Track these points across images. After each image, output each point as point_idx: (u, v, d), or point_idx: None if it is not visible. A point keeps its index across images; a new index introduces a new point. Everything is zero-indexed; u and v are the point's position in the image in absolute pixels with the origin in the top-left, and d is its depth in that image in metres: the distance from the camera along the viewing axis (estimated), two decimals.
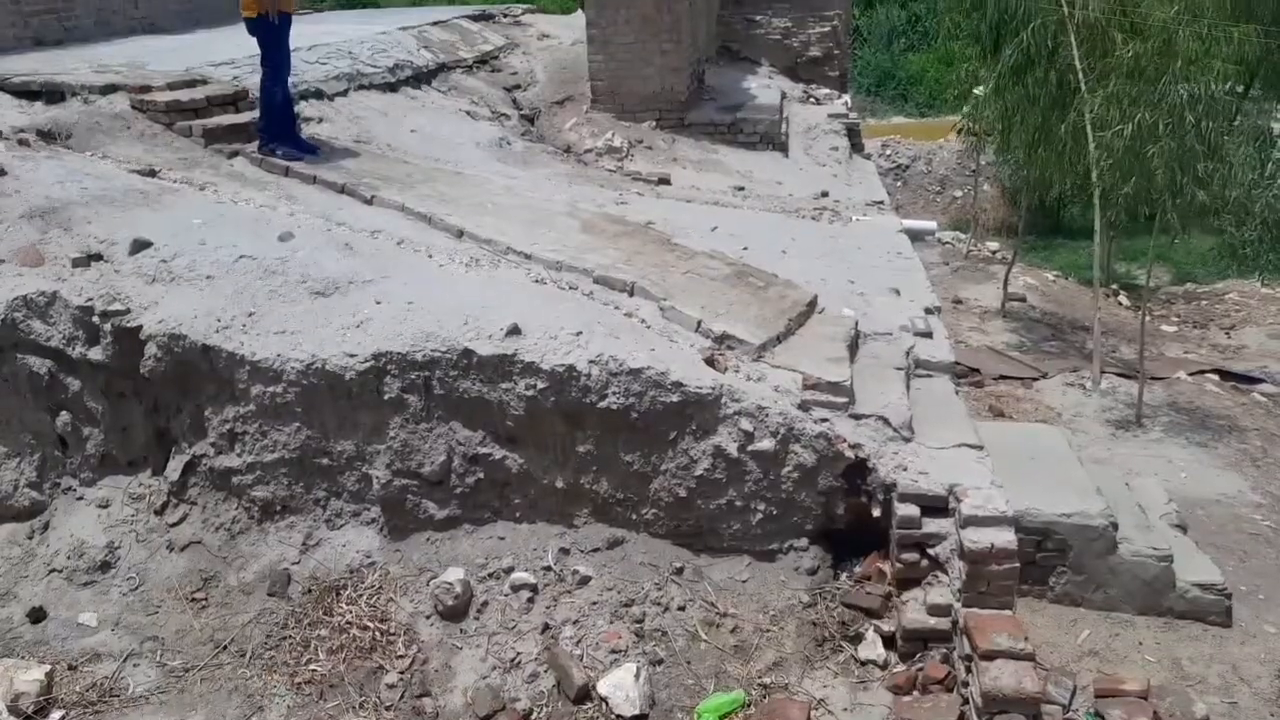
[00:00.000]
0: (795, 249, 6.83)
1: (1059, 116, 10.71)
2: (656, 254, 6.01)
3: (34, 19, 10.74)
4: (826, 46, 14.38)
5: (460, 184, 7.16)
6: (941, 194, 23.91)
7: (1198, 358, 12.96)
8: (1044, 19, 10.51)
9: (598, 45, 10.18)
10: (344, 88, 8.80)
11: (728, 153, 10.09)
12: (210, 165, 6.87)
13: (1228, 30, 10.08)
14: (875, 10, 36.81)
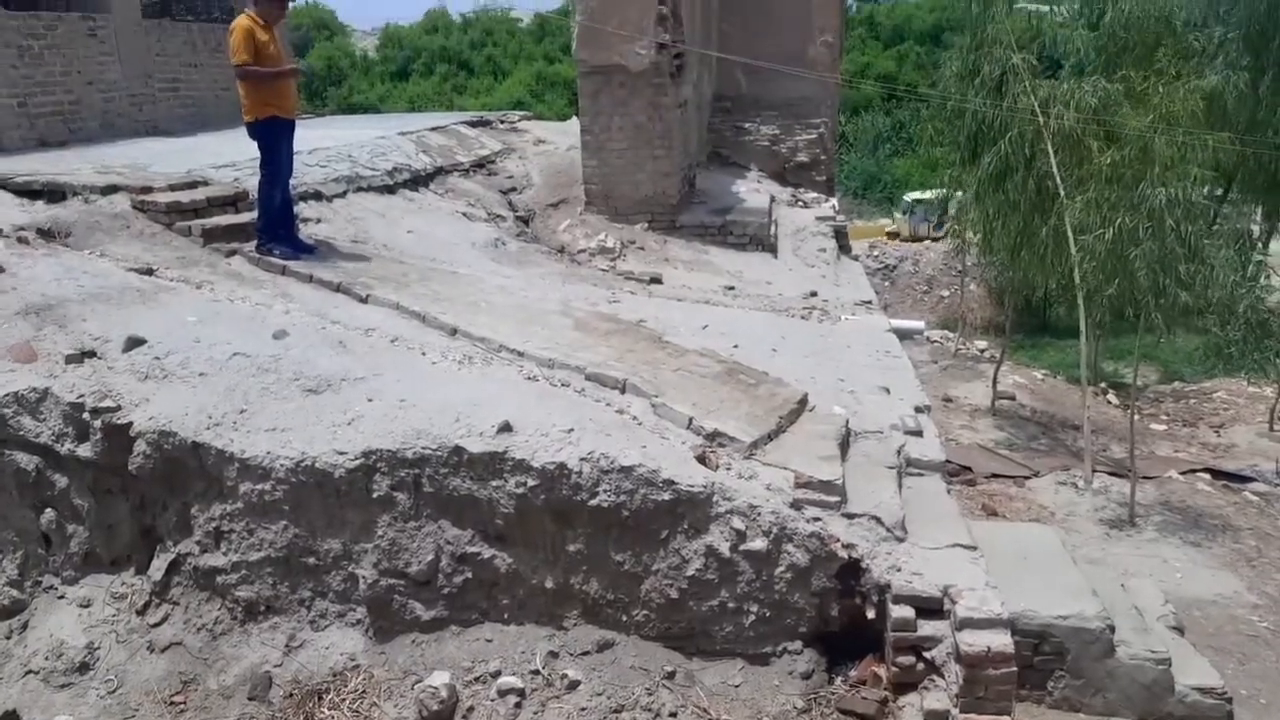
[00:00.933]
0: (785, 347, 6.90)
1: (1040, 220, 10.97)
2: (648, 351, 6.06)
3: (40, 120, 11.02)
4: (813, 152, 14.79)
5: (455, 283, 7.25)
6: (929, 293, 24.27)
7: (1188, 456, 12.99)
8: (1020, 129, 10.84)
9: (592, 151, 10.45)
10: (343, 189, 8.99)
11: (718, 253, 10.27)
12: (208, 264, 6.96)
13: (1202, 137, 10.42)
14: (860, 117, 38.03)
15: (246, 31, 6.75)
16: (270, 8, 6.94)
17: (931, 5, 45.04)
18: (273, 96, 6.95)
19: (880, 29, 44.60)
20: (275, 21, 7.03)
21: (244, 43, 6.73)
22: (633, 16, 9.88)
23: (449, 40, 42.75)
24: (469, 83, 39.68)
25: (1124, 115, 10.34)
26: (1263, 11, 18.59)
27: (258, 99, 6.90)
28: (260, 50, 6.80)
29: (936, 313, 22.66)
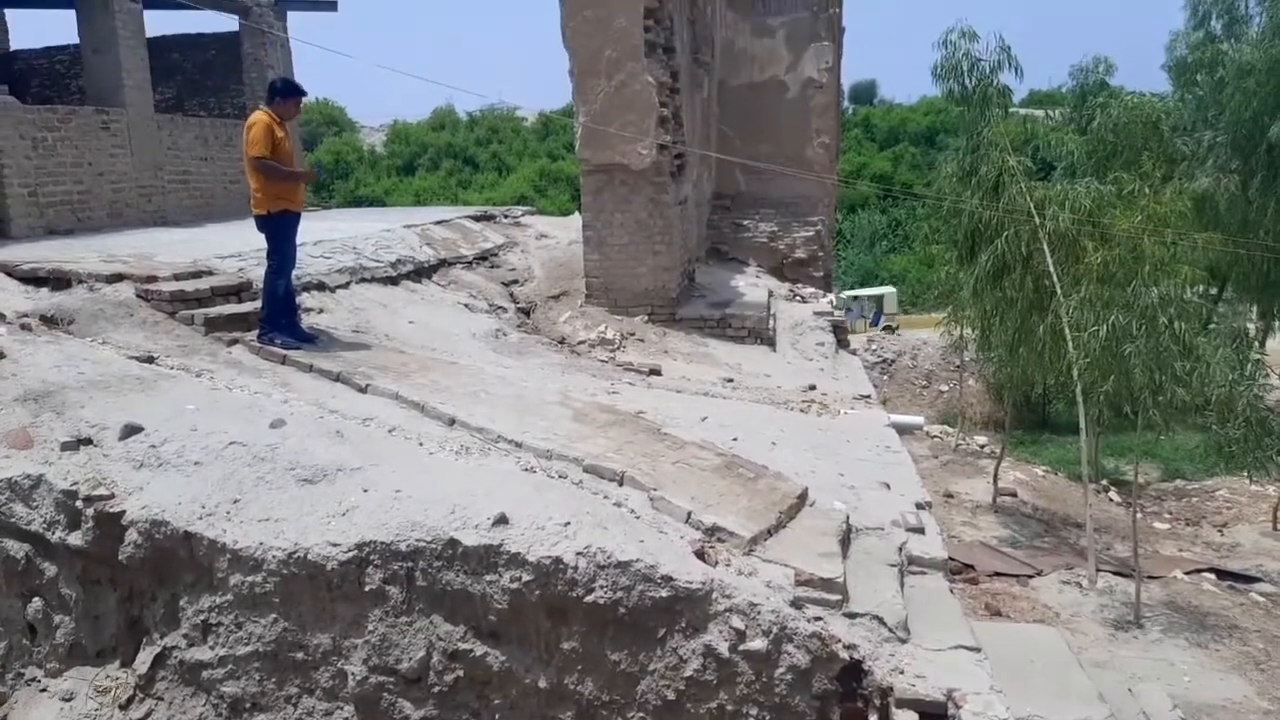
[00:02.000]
0: (785, 441, 6.87)
1: (1037, 317, 11.07)
2: (647, 443, 6.03)
3: (49, 210, 11.21)
4: (811, 249, 15.02)
5: (454, 373, 7.26)
6: (928, 388, 24.29)
7: (1192, 556, 12.83)
8: (1016, 228, 11.03)
9: (593, 245, 10.61)
10: (346, 280, 9.08)
11: (717, 346, 10.32)
12: (209, 352, 6.99)
13: (1192, 238, 10.59)
14: (857, 215, 38.72)
15: (266, 127, 6.94)
16: (286, 105, 7.15)
17: (926, 109, 46.32)
18: (285, 191, 7.12)
19: (876, 131, 45.75)
20: (290, 118, 7.23)
21: (264, 137, 6.91)
22: (635, 118, 10.15)
23: (455, 137, 43.80)
24: (474, 178, 40.51)
25: (1114, 216, 10.53)
26: (1248, 118, 19.13)
27: (271, 192, 7.05)
28: (277, 146, 6.99)
29: (935, 407, 22.66)
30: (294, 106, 7.24)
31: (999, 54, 11.75)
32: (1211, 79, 20.05)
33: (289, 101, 7.17)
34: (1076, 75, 18.95)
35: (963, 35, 11.83)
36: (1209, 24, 20.69)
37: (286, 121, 7.18)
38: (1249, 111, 19.07)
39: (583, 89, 10.28)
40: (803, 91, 15.81)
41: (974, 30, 11.81)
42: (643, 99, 10.16)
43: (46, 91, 16.76)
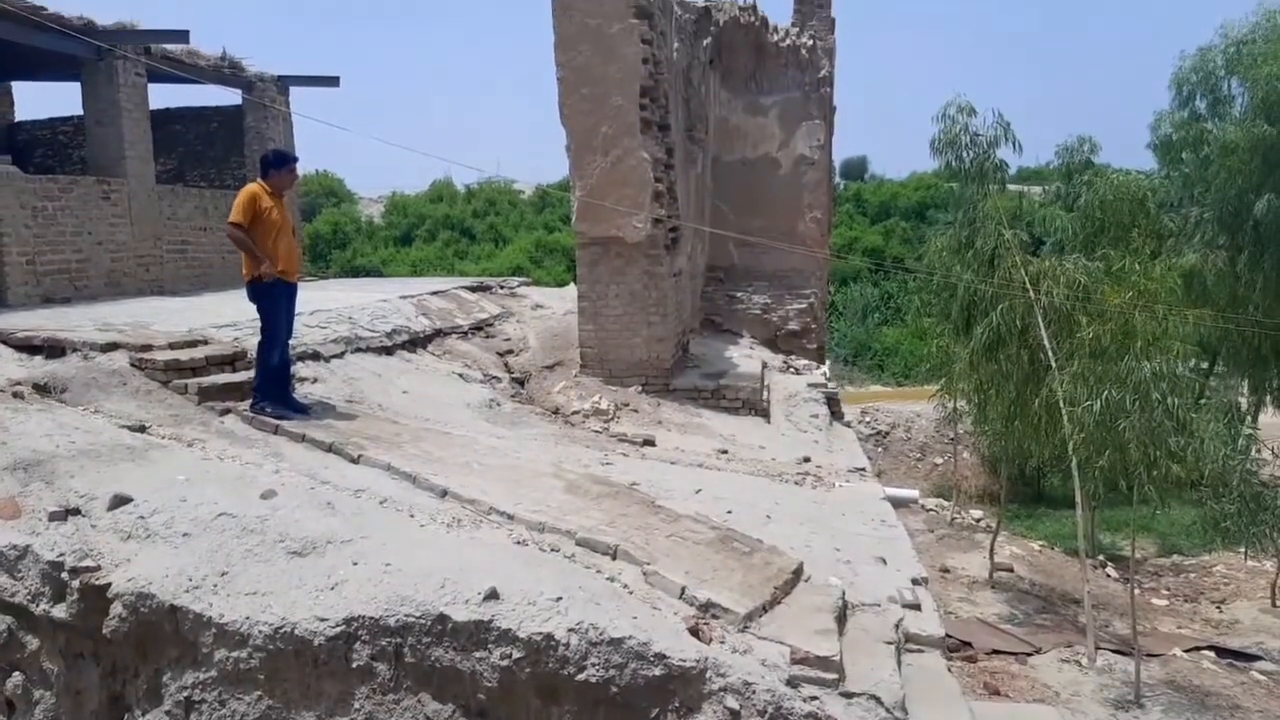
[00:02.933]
0: (779, 514, 6.82)
1: (1033, 391, 11.10)
2: (640, 516, 5.98)
3: (47, 278, 11.26)
4: (804, 321, 15.11)
5: (447, 444, 7.23)
6: (922, 460, 24.23)
7: (1191, 633, 12.68)
8: (1012, 302, 11.12)
9: (588, 316, 10.66)
10: (341, 350, 9.10)
11: (711, 417, 10.31)
12: (201, 422, 6.96)
13: (1182, 313, 10.69)
14: (850, 287, 39.06)
15: (250, 196, 7.02)
16: (279, 176, 7.22)
17: (915, 184, 47.12)
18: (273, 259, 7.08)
19: (867, 205, 46.42)
20: (285, 188, 7.28)
21: (243, 205, 6.98)
22: (630, 193, 10.29)
23: (453, 209, 44.30)
24: (470, 249, 40.87)
25: (1104, 292, 10.64)
26: (1233, 195, 19.47)
27: (257, 261, 7.05)
28: (261, 216, 7.01)
29: (930, 480, 22.57)
30: (287, 175, 7.29)
31: (997, 129, 11.98)
32: (1197, 157, 20.44)
33: (281, 172, 7.22)
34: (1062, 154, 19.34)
35: (961, 110, 12.06)
36: (1193, 103, 21.17)
37: (283, 191, 7.23)
38: (1234, 189, 19.42)
39: (579, 164, 10.44)
40: (795, 168, 16.10)
41: (972, 105, 12.05)
42: (638, 174, 10.32)
43: (49, 161, 16.98)
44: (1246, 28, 20.02)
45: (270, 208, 7.06)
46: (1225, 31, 20.41)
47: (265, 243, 7.06)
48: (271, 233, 7.08)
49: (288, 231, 7.25)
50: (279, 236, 7.14)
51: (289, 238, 7.27)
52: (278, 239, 7.12)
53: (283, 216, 7.20)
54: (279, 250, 7.13)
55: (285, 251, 7.18)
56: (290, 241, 7.28)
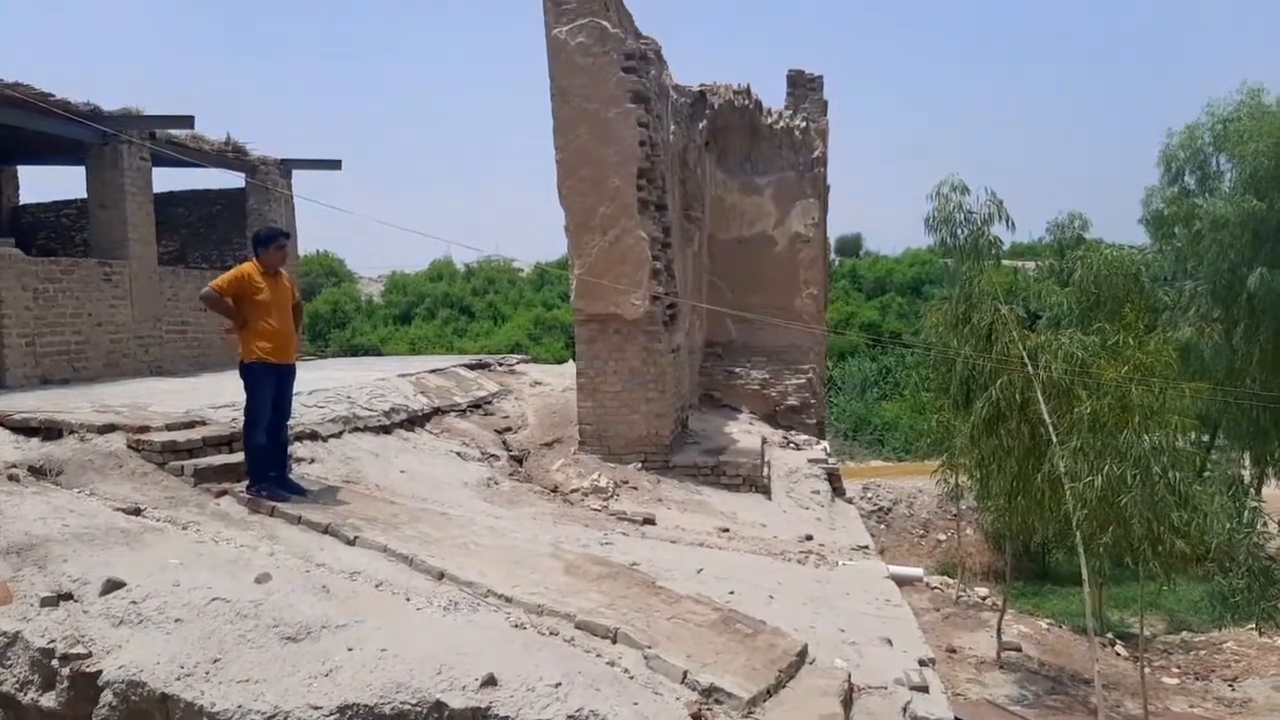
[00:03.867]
0: (782, 594, 6.72)
1: (1034, 465, 11.03)
2: (641, 598, 5.89)
3: (45, 359, 11.27)
4: (803, 396, 15.11)
5: (445, 524, 7.15)
6: (925, 537, 23.99)
7: (1204, 713, 12.40)
8: (1010, 376, 11.12)
9: (587, 392, 10.66)
10: (339, 430, 9.06)
11: (712, 494, 10.23)
12: (197, 504, 6.89)
13: (1179, 387, 10.68)
14: (848, 362, 39.18)
15: (239, 273, 7.05)
16: (269, 253, 7.14)
17: (910, 260, 47.67)
18: (261, 340, 6.99)
19: (863, 281, 46.88)
20: (276, 264, 7.16)
21: (228, 278, 7.03)
22: (628, 271, 10.39)
23: (452, 287, 44.68)
24: (469, 326, 41.10)
25: (1101, 366, 10.66)
26: (1226, 269, 19.68)
27: (247, 341, 7.01)
28: (248, 293, 6.95)
29: (934, 557, 22.31)
30: (275, 253, 7.16)
31: (990, 206, 12.13)
32: (1189, 231, 20.72)
33: (269, 249, 7.15)
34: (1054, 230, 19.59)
35: (954, 189, 12.23)
36: (1182, 179, 21.55)
37: (275, 267, 7.14)
38: (1226, 263, 19.65)
39: (578, 243, 10.56)
40: (790, 245, 16.29)
41: (965, 184, 12.23)
42: (636, 253, 10.43)
43: (52, 244, 17.15)
44: (1232, 106, 20.51)
45: (261, 287, 6.99)
46: (1212, 110, 20.90)
47: (254, 322, 6.99)
48: (260, 312, 6.99)
49: (279, 312, 7.11)
50: (269, 316, 7.02)
51: (281, 318, 7.11)
52: (267, 319, 7.01)
53: (275, 296, 7.08)
54: (269, 330, 7.01)
55: (274, 331, 7.04)
56: (282, 322, 7.12)
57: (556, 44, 10.24)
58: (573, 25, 10.18)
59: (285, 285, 7.27)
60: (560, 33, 10.21)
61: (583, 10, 10.17)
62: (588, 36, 10.18)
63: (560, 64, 10.26)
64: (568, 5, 10.17)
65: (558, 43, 10.23)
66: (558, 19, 10.21)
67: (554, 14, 10.22)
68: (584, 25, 10.18)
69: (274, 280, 7.14)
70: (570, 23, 10.19)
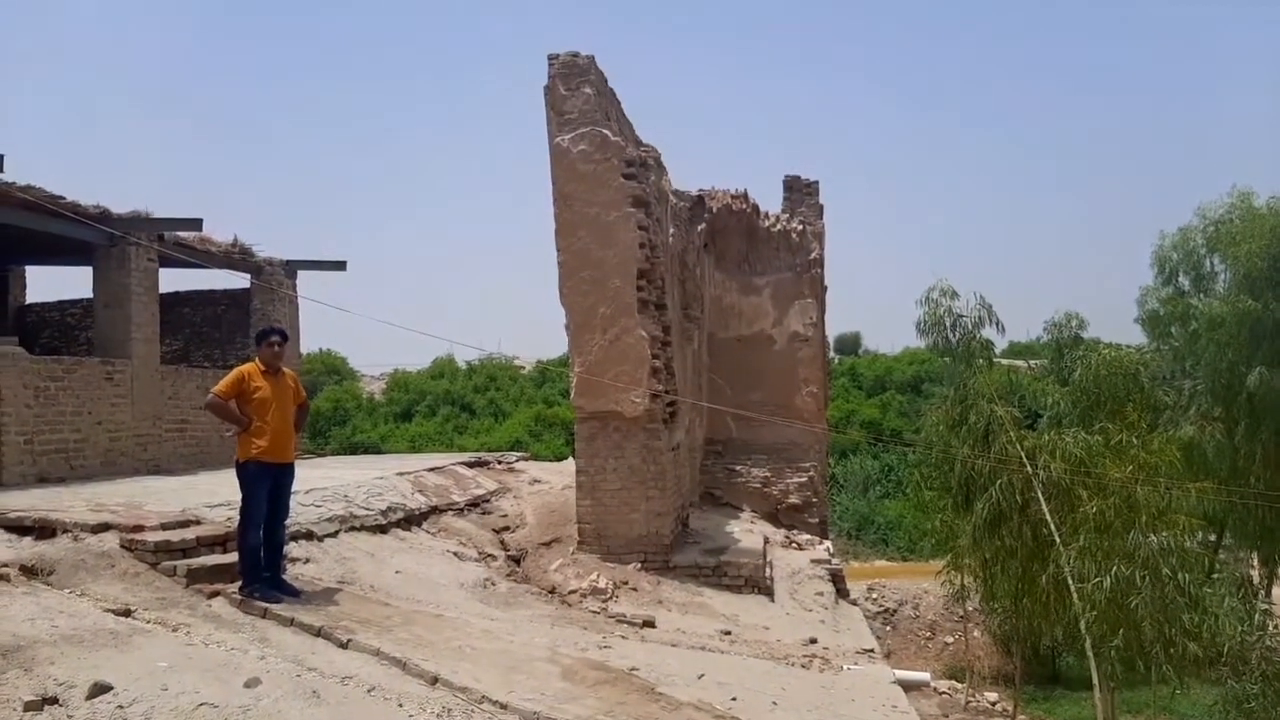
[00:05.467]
0: (786, 700, 6.56)
1: (1039, 567, 10.89)
2: (639, 704, 5.74)
3: (43, 457, 11.23)
4: (805, 494, 15.01)
5: (439, 627, 7.03)
6: (932, 639, 23.48)
7: None
8: (1010, 477, 11.06)
9: (586, 491, 10.59)
10: (335, 529, 8.98)
11: (713, 595, 10.06)
12: (188, 605, 6.77)
13: (1185, 487, 10.61)
14: (849, 460, 38.95)
15: (239, 373, 7.13)
16: (261, 350, 7.28)
17: (909, 359, 47.87)
18: (258, 438, 7.00)
19: (862, 379, 46.99)
20: (271, 361, 7.20)
21: (229, 379, 7.10)
22: (628, 369, 10.45)
23: (454, 385, 44.79)
24: (470, 423, 41.03)
25: (1105, 466, 10.61)
26: (1224, 368, 19.75)
27: (244, 440, 7.04)
28: (247, 391, 7.02)
29: (941, 660, 21.79)
30: (266, 350, 7.23)
31: (979, 310, 12.26)
32: (1185, 331, 20.86)
33: (261, 346, 7.30)
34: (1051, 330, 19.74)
35: (943, 294, 12.38)
36: (1176, 280, 21.81)
37: (273, 365, 7.20)
38: (1224, 362, 19.73)
39: (578, 342, 10.65)
40: (789, 344, 16.43)
41: (954, 289, 12.38)
42: (636, 352, 10.50)
43: (56, 342, 17.27)
44: (1223, 209, 20.90)
45: (259, 385, 7.06)
46: (1203, 213, 21.29)
47: (252, 421, 7.03)
48: (258, 411, 7.03)
49: (278, 410, 7.12)
50: (266, 414, 7.04)
51: (279, 416, 7.12)
52: (264, 417, 7.03)
53: (275, 394, 7.11)
54: (265, 428, 7.02)
55: (271, 430, 7.05)
56: (281, 420, 7.14)
57: (559, 151, 10.52)
58: (575, 134, 10.48)
59: (287, 383, 7.30)
60: (563, 140, 10.49)
61: (585, 120, 10.48)
62: (589, 144, 10.47)
63: (562, 170, 10.52)
64: (570, 115, 10.48)
65: (560, 150, 10.51)
66: (561, 128, 10.51)
67: (557, 123, 10.53)
68: (586, 134, 10.47)
69: (274, 378, 7.18)
70: (573, 131, 10.48)
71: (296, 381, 7.49)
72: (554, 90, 10.54)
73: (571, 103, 10.49)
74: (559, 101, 10.51)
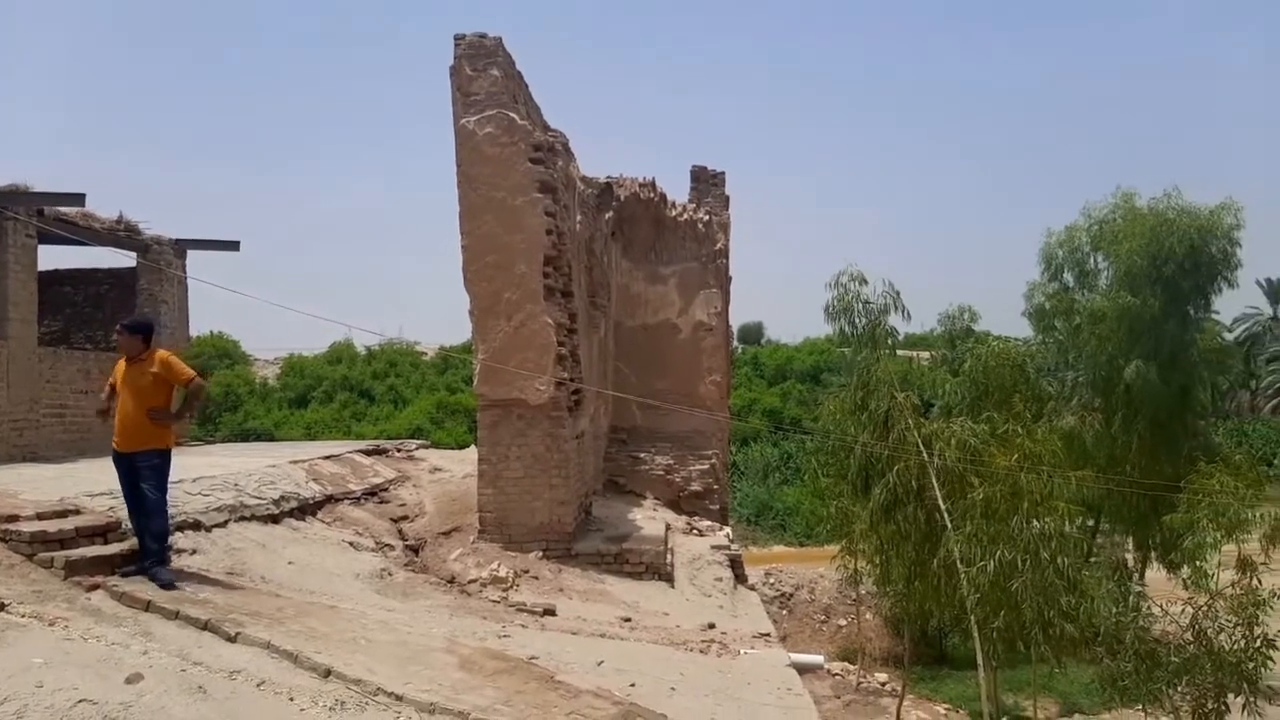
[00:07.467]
0: (684, 685, 6.63)
1: (930, 551, 11.23)
2: (538, 693, 5.73)
3: None
4: (706, 482, 15.17)
5: (334, 619, 6.87)
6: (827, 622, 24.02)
7: None
8: (907, 463, 11.35)
9: (488, 480, 10.49)
10: (224, 519, 8.69)
11: (615, 583, 10.10)
12: (66, 599, 6.46)
13: (1066, 475, 11.08)
14: (750, 448, 39.57)
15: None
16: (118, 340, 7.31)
17: (810, 349, 48.91)
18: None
19: (764, 369, 47.73)
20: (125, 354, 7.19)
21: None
22: (533, 356, 10.38)
23: (352, 370, 43.71)
24: (369, 410, 40.13)
25: (993, 454, 10.99)
26: (1104, 361, 20.76)
27: None
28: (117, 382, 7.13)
29: (835, 643, 22.32)
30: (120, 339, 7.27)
31: (887, 297, 12.47)
32: (1069, 325, 21.84)
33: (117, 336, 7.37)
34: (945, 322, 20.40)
35: (853, 279, 12.55)
36: (1062, 276, 22.77)
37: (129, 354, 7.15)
38: (1104, 355, 20.76)
39: (483, 328, 10.52)
40: (694, 333, 16.58)
41: (863, 274, 12.56)
42: (541, 338, 10.43)
43: None
44: (1107, 208, 21.90)
45: (121, 372, 7.13)
46: (1088, 212, 22.28)
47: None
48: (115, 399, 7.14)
49: (123, 399, 7.09)
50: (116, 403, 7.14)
51: (122, 405, 7.10)
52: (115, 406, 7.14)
53: (124, 383, 7.11)
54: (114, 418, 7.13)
55: (117, 419, 7.11)
56: (124, 408, 7.08)
57: (464, 133, 10.35)
58: (481, 116, 10.33)
59: (140, 371, 7.10)
60: (468, 122, 10.33)
61: (491, 102, 10.33)
62: (496, 127, 10.33)
63: (468, 152, 10.36)
64: (477, 96, 10.32)
65: (465, 132, 10.35)
66: (466, 109, 10.35)
67: (463, 104, 10.36)
68: (492, 116, 10.33)
69: (131, 366, 7.13)
70: (479, 113, 10.33)
71: (168, 366, 7.11)
72: (460, 71, 10.36)
73: (478, 84, 10.33)
74: (465, 83, 10.34)
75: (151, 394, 7.05)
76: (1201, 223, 20.54)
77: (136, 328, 7.30)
